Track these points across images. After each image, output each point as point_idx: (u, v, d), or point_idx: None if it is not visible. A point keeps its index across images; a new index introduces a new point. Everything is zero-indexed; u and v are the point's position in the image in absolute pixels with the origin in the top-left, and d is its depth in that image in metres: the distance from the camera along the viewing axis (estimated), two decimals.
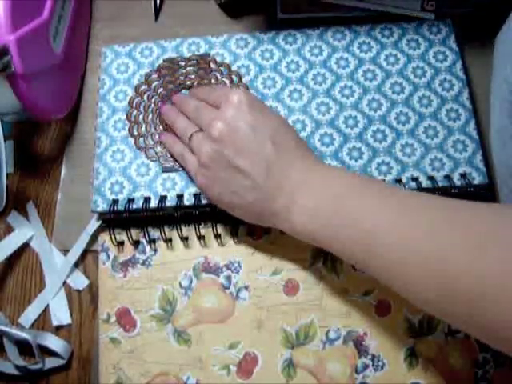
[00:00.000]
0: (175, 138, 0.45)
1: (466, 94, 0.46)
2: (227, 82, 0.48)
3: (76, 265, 0.46)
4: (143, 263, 0.44)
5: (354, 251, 0.36)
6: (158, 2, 0.55)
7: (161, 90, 0.48)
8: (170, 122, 0.46)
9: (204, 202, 0.44)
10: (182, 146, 0.44)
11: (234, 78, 0.48)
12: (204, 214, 0.44)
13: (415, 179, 0.44)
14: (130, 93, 0.48)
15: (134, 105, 0.48)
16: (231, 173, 0.39)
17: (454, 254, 0.30)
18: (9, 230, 0.48)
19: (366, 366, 0.41)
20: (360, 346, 0.42)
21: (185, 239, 0.44)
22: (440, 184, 0.43)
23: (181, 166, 0.45)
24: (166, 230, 0.44)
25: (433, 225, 0.32)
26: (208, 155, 0.40)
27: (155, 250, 0.45)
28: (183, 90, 0.48)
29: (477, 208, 0.33)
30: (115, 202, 0.44)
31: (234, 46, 0.49)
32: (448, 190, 0.43)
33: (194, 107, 0.44)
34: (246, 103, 0.40)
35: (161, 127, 0.47)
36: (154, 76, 0.49)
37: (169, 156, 0.46)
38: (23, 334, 0.42)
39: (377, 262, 0.35)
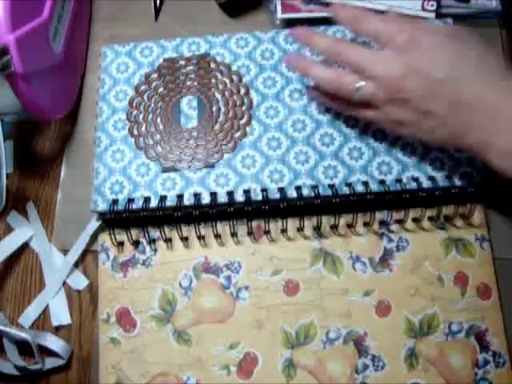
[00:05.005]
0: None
1: None
2: (227, 81, 0.48)
3: (76, 265, 0.46)
4: (143, 263, 0.44)
5: None
6: (158, 2, 0.55)
7: (161, 89, 0.48)
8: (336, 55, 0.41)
9: (204, 202, 0.44)
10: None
11: (234, 77, 0.48)
12: (204, 214, 0.44)
13: (416, 179, 0.43)
14: (130, 92, 0.48)
15: (134, 104, 0.48)
16: (417, 115, 0.38)
17: None
18: (9, 229, 0.48)
19: (366, 366, 0.41)
20: (360, 346, 0.42)
21: (185, 239, 0.44)
22: (440, 184, 0.43)
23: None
24: (166, 229, 0.44)
25: None
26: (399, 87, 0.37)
27: (155, 250, 0.45)
28: (183, 90, 0.48)
29: None
30: (115, 201, 0.44)
31: (234, 45, 0.49)
32: (448, 190, 0.43)
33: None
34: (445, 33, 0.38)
35: (161, 127, 0.47)
36: (154, 76, 0.49)
37: (169, 156, 0.46)
38: (23, 334, 0.42)
39: None
